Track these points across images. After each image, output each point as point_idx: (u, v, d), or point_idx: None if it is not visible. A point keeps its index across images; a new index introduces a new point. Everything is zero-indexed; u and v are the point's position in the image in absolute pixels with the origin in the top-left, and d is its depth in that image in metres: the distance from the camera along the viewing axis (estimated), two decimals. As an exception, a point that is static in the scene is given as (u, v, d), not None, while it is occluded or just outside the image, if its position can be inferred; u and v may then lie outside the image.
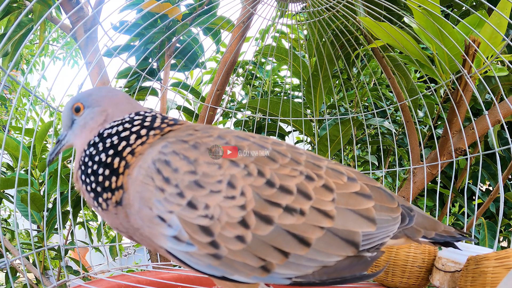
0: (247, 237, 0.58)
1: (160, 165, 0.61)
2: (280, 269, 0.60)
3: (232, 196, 0.59)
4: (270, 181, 0.61)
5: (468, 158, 1.30)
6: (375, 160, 2.31)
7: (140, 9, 1.63)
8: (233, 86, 2.79)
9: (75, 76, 1.26)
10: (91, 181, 0.66)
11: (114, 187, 0.64)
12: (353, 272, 0.62)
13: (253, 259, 0.59)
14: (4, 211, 2.88)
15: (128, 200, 0.63)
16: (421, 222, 0.75)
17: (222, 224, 0.58)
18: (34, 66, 4.25)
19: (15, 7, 1.79)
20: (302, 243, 0.60)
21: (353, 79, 2.22)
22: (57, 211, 1.22)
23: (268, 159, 0.64)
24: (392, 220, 0.68)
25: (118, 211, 0.65)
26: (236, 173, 0.60)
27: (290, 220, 0.60)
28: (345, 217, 0.63)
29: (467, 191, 2.18)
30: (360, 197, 0.66)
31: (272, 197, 0.60)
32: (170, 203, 0.59)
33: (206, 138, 0.65)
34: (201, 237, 0.58)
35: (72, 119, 0.74)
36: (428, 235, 0.75)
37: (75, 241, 1.37)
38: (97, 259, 2.73)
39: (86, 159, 0.68)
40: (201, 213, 0.58)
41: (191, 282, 1.17)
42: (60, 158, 1.26)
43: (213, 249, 0.59)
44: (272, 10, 1.51)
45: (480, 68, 1.31)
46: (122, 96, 0.75)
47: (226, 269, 0.60)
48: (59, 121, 3.05)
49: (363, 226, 0.64)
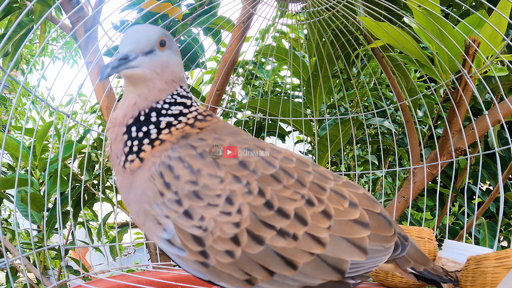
0: (236, 253, 0.60)
1: (163, 169, 0.62)
2: (263, 284, 0.61)
3: (228, 212, 0.60)
4: (269, 202, 0.61)
5: (468, 158, 1.30)
6: (375, 159, 2.31)
7: (141, 9, 1.63)
8: (233, 86, 2.79)
9: (75, 76, 1.27)
10: (137, 136, 0.65)
11: (141, 156, 0.64)
12: None
13: (239, 273, 0.60)
14: (4, 211, 2.88)
15: (136, 178, 0.64)
16: (412, 254, 0.75)
17: (214, 238, 0.59)
18: (34, 66, 4.25)
19: (15, 7, 1.79)
20: (289, 265, 0.61)
21: (353, 79, 2.22)
22: (57, 211, 1.23)
23: (272, 178, 0.63)
24: (384, 251, 0.69)
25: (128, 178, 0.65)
26: (236, 189, 0.61)
27: (282, 243, 0.60)
28: (337, 245, 0.64)
29: (467, 191, 2.18)
30: (357, 225, 0.67)
31: (268, 219, 0.61)
32: (168, 208, 0.60)
33: (208, 150, 0.64)
34: (192, 245, 0.60)
35: (152, 48, 0.66)
36: (416, 268, 0.76)
37: (75, 241, 1.37)
38: (97, 259, 2.73)
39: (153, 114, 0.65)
40: (196, 224, 0.59)
41: (191, 282, 1.17)
42: (60, 158, 1.26)
43: (202, 258, 0.60)
44: (272, 10, 1.51)
45: (480, 68, 1.31)
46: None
47: (212, 276, 0.62)
48: (59, 121, 3.05)
49: (353, 255, 0.64)
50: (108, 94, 1.69)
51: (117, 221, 1.73)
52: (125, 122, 0.66)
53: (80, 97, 3.67)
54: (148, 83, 0.66)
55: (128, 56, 0.63)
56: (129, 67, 0.63)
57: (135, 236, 2.70)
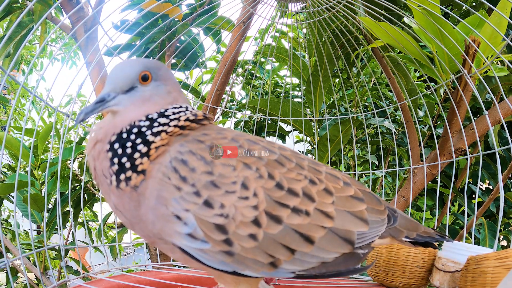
0: (259, 235, 0.62)
1: (176, 164, 0.63)
2: (286, 264, 0.64)
3: (245, 196, 0.62)
4: (279, 184, 0.65)
5: (468, 158, 1.30)
6: (375, 159, 2.31)
7: (141, 9, 1.63)
8: (233, 86, 2.79)
9: (75, 76, 1.27)
10: (125, 153, 0.64)
11: (140, 169, 0.64)
12: (348, 266, 0.68)
13: (263, 256, 0.63)
14: (4, 211, 2.89)
15: (144, 190, 0.64)
16: (403, 223, 0.81)
17: (236, 223, 0.61)
18: (34, 67, 4.25)
19: (16, 7, 1.79)
20: (307, 241, 0.65)
21: (353, 79, 2.22)
22: (57, 211, 1.23)
23: (277, 163, 0.68)
24: (381, 221, 0.75)
25: (132, 196, 0.64)
26: (249, 175, 0.64)
27: (297, 220, 0.64)
28: (343, 218, 0.69)
29: (467, 191, 2.18)
30: (355, 200, 0.73)
31: (281, 199, 0.64)
32: (187, 201, 0.61)
33: (221, 140, 0.67)
34: (216, 235, 0.61)
35: (133, 85, 0.68)
36: (410, 236, 0.81)
37: (75, 241, 1.37)
38: (97, 259, 2.73)
39: (134, 130, 0.65)
40: (217, 212, 0.61)
41: (191, 282, 1.17)
42: (60, 158, 1.26)
43: (227, 247, 0.61)
44: (272, 10, 1.51)
45: (480, 68, 1.31)
46: (177, 82, 0.75)
47: (238, 265, 0.63)
48: (59, 121, 3.05)
49: (358, 226, 0.70)
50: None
51: (117, 221, 1.73)
52: (107, 139, 0.66)
53: (79, 97, 3.67)
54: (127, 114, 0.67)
55: (105, 98, 0.66)
56: (107, 107, 0.66)
57: (135, 236, 2.70)
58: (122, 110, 0.67)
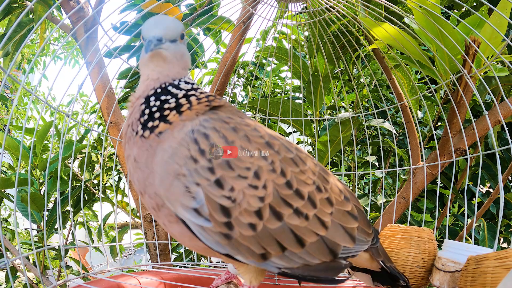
0: (258, 226, 0.64)
1: (198, 136, 0.64)
2: (275, 259, 0.66)
3: (255, 185, 0.64)
4: (289, 182, 0.67)
5: (468, 159, 1.30)
6: (375, 161, 2.30)
7: (140, 9, 1.63)
8: (234, 87, 2.79)
9: (75, 76, 1.26)
10: (155, 105, 0.69)
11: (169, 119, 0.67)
12: (327, 275, 0.71)
13: (257, 246, 0.64)
14: (5, 211, 2.89)
15: (165, 139, 0.66)
16: (382, 251, 0.87)
17: (240, 210, 0.63)
18: (36, 66, 4.25)
19: (15, 7, 1.79)
20: (299, 243, 0.67)
21: (354, 80, 2.22)
22: (57, 211, 1.22)
23: (292, 161, 0.70)
24: (366, 242, 0.78)
25: (153, 143, 0.67)
26: (263, 166, 0.66)
27: (296, 221, 0.66)
28: (336, 230, 0.72)
29: (467, 192, 2.18)
30: (350, 216, 0.76)
31: (288, 198, 0.66)
32: (200, 175, 0.62)
33: (244, 126, 0.69)
34: (219, 216, 0.62)
35: (176, 37, 0.73)
36: (385, 263, 0.86)
37: (75, 241, 1.37)
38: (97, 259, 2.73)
39: (169, 88, 0.71)
40: (226, 194, 0.62)
41: (191, 282, 1.17)
42: (60, 158, 1.26)
43: (226, 230, 0.63)
44: (272, 10, 1.51)
45: (480, 68, 1.31)
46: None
47: (232, 249, 0.65)
48: (60, 121, 3.05)
49: (346, 241, 0.73)
50: (108, 94, 1.68)
51: (117, 221, 1.73)
52: (145, 94, 0.71)
53: (81, 97, 3.67)
54: (170, 65, 0.72)
55: (162, 39, 0.70)
56: (161, 48, 0.70)
57: (135, 236, 2.70)
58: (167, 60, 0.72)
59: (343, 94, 2.51)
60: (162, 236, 1.70)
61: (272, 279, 1.25)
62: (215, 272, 1.29)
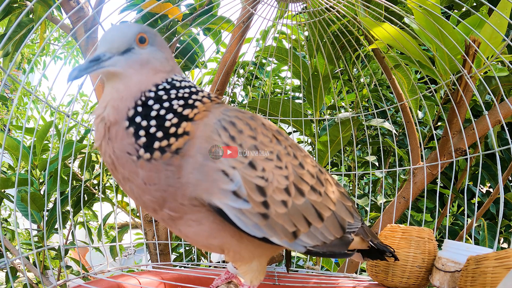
0: (288, 202, 0.69)
1: (226, 124, 0.67)
2: (303, 237, 0.71)
3: (280, 166, 0.70)
4: (301, 164, 0.75)
5: (468, 159, 1.30)
6: (375, 161, 2.30)
7: (140, 9, 1.63)
8: (234, 87, 2.79)
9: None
10: (150, 125, 0.62)
11: (182, 132, 0.63)
12: (340, 249, 0.78)
13: (289, 224, 0.69)
14: (5, 211, 2.89)
15: (189, 150, 0.63)
16: (368, 230, 0.93)
17: (273, 188, 0.67)
18: (36, 66, 4.25)
19: (15, 7, 1.79)
20: (319, 217, 0.74)
21: (354, 80, 2.22)
22: (57, 211, 1.22)
23: (297, 147, 0.79)
24: (358, 220, 0.87)
25: (172, 162, 0.62)
26: (280, 150, 0.72)
27: (314, 196, 0.73)
28: (340, 206, 0.81)
29: (467, 192, 2.18)
30: (345, 196, 0.86)
31: (303, 176, 0.73)
32: (235, 159, 0.65)
33: (256, 115, 0.75)
34: (256, 196, 0.66)
35: (130, 46, 0.65)
36: (373, 241, 0.93)
37: (75, 241, 1.37)
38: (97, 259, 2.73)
39: (150, 102, 0.63)
40: (259, 174, 0.66)
41: (191, 282, 1.17)
42: (60, 157, 1.26)
43: (264, 209, 0.66)
44: (272, 10, 1.51)
45: (480, 68, 1.31)
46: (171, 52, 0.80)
47: (268, 230, 0.68)
48: (60, 120, 3.05)
49: (348, 217, 0.82)
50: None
51: (117, 221, 1.73)
52: (123, 116, 0.63)
53: (81, 97, 3.67)
54: (124, 79, 0.64)
55: (101, 57, 0.62)
56: (102, 67, 0.62)
57: (135, 236, 2.70)
58: (121, 75, 0.64)
59: (343, 94, 2.51)
60: (162, 236, 1.70)
61: (272, 279, 1.25)
62: (215, 272, 1.29)
